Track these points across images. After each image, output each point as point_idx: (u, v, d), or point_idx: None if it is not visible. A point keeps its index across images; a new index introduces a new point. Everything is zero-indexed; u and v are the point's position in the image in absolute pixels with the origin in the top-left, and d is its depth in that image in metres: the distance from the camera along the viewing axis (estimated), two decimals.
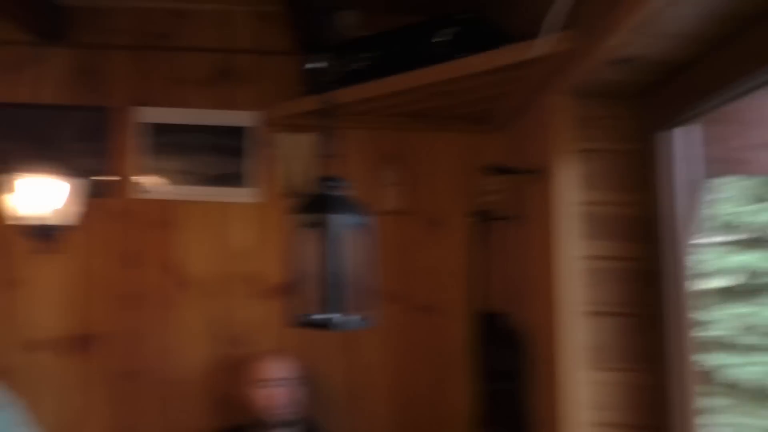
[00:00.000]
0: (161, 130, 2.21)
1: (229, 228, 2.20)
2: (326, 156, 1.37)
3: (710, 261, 3.39)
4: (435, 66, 1.74)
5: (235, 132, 2.22)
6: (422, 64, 1.77)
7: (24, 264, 2.13)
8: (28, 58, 2.21)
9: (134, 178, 2.19)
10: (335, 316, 1.23)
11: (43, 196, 1.37)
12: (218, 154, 2.22)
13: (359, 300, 1.27)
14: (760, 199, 3.57)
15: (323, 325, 1.23)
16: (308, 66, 2.02)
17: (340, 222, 1.25)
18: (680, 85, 1.41)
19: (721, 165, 1.49)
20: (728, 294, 3.70)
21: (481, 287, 1.98)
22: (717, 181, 1.54)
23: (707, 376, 1.46)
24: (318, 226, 1.27)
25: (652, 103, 1.53)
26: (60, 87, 2.21)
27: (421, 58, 1.78)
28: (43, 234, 1.39)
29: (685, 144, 1.47)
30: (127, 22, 2.25)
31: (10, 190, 1.33)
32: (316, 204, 1.29)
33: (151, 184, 2.20)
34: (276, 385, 1.93)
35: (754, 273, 3.68)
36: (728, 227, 3.64)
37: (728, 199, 3.51)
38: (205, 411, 2.16)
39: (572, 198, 1.56)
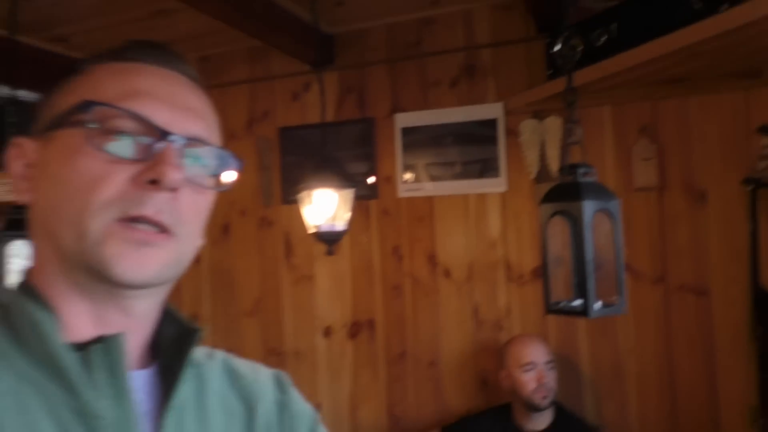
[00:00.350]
0: (417, 132, 2.43)
1: (484, 217, 2.33)
2: (572, 141, 1.39)
3: None
4: (695, 24, 1.58)
5: (484, 125, 2.33)
6: (677, 26, 1.63)
7: (318, 262, 2.56)
8: (306, 84, 2.62)
9: (398, 180, 2.45)
10: (591, 303, 1.25)
11: (327, 205, 1.65)
12: (470, 149, 2.35)
13: (612, 286, 1.27)
14: None
15: (579, 313, 1.26)
16: (551, 49, 2.02)
17: (590, 209, 1.27)
18: None
19: None
20: None
21: (758, 264, 1.78)
22: None
23: None
24: (568, 214, 1.31)
25: None
26: (333, 106, 2.57)
27: (675, 18, 1.64)
28: (329, 239, 1.67)
29: None
30: (382, 39, 2.51)
31: (308, 202, 1.64)
32: (565, 192, 1.32)
33: (412, 183, 2.43)
34: (540, 369, 2.00)
35: None
36: None
37: None
38: (469, 391, 2.33)
39: None
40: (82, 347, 0.53)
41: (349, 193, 1.68)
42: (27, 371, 0.51)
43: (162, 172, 0.52)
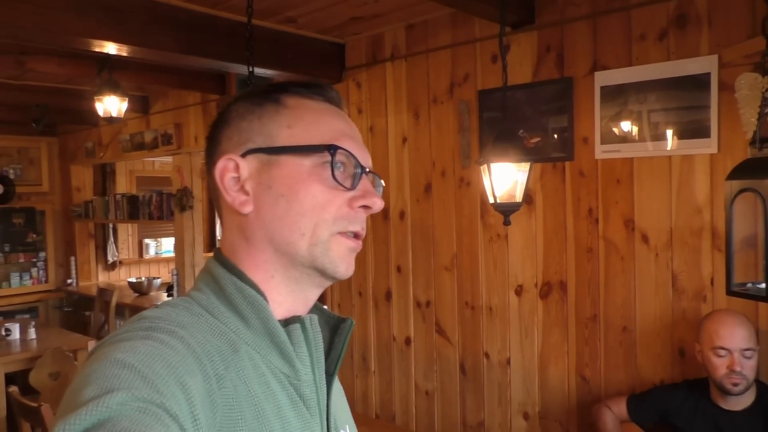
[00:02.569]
0: (619, 90, 2.33)
1: (689, 181, 2.18)
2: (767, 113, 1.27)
3: None
4: None
5: (695, 81, 2.15)
6: None
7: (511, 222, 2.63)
8: (506, 46, 2.64)
9: (596, 140, 2.39)
10: None
11: (506, 178, 1.71)
12: (677, 107, 2.20)
13: None
14: None
15: (762, 297, 1.19)
16: None
17: None
18: None
19: None
20: None
21: None
22: None
23: None
24: (757, 192, 1.22)
25: None
26: (532, 66, 2.57)
27: None
28: (506, 210, 1.74)
29: None
30: None
31: (488, 174, 1.72)
32: (756, 167, 1.23)
33: (612, 143, 2.35)
34: (734, 356, 1.85)
35: None
36: None
37: None
38: (664, 361, 2.25)
39: None
40: (282, 325, 0.70)
41: (526, 166, 1.73)
42: (253, 342, 0.67)
43: (374, 202, 0.71)
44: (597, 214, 2.40)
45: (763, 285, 1.24)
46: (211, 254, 0.80)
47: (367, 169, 0.73)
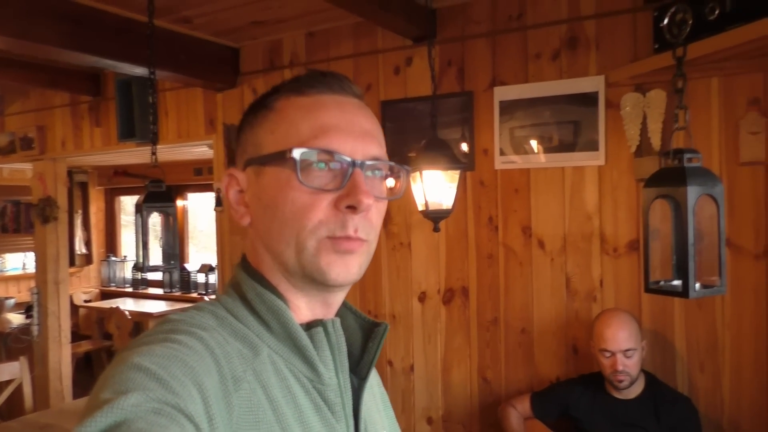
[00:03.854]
0: (516, 105, 2.48)
1: (580, 190, 2.36)
2: (679, 127, 1.41)
3: None
4: None
5: (584, 98, 2.34)
6: None
7: (414, 230, 2.69)
8: (408, 59, 2.71)
9: (495, 152, 2.52)
10: (692, 285, 1.31)
11: (435, 185, 1.75)
12: (569, 122, 2.38)
13: (712, 266, 1.31)
14: None
15: (679, 293, 1.32)
16: (658, 21, 2.00)
17: (694, 194, 1.31)
18: None
19: None
20: None
21: None
22: None
23: None
24: (671, 198, 1.35)
25: None
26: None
27: None
28: (436, 217, 1.78)
29: None
30: (484, 12, 2.54)
31: (417, 182, 1.75)
32: (670, 177, 1.36)
33: (509, 155, 2.49)
34: (616, 357, 2.03)
35: None
36: None
37: None
38: (559, 359, 2.41)
39: None
40: (305, 329, 0.67)
41: (455, 174, 1.78)
42: (276, 346, 0.66)
43: (358, 201, 0.64)
44: (497, 221, 2.53)
45: (675, 282, 1.36)
46: (73, 270, 0.74)
47: (366, 162, 0.66)
